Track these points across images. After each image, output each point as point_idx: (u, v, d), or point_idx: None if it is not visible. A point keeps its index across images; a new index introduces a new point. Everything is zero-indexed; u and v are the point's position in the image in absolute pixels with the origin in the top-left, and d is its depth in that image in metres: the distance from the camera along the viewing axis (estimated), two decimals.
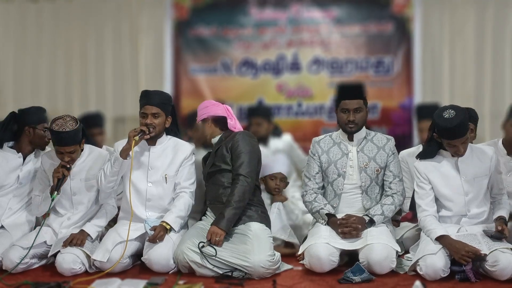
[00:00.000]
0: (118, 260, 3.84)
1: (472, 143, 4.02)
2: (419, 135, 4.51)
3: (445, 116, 3.69)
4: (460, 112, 3.70)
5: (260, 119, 5.89)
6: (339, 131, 4.17)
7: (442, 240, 3.67)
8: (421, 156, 3.96)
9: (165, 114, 4.10)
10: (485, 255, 3.57)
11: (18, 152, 4.32)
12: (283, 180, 4.57)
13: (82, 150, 4.15)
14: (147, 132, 3.99)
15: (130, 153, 3.95)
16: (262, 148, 4.95)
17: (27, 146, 4.34)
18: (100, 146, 4.91)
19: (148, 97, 4.08)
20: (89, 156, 4.20)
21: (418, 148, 4.46)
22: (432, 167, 3.89)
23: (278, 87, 7.63)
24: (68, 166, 4.03)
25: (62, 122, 3.96)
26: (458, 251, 3.58)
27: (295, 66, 7.60)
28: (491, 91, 7.30)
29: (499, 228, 3.69)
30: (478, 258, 3.61)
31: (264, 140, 5.76)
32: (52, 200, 3.97)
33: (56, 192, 3.96)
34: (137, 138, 3.93)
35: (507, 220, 3.84)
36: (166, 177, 4.12)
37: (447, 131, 3.69)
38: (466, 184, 3.84)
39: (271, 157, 4.68)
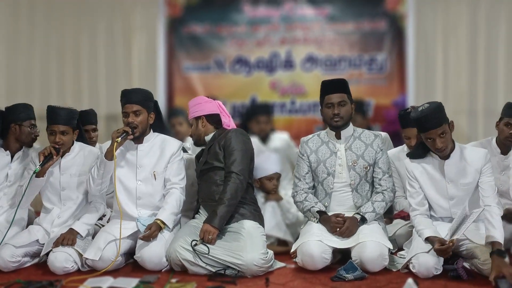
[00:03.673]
0: (113, 260, 3.84)
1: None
2: (406, 143, 4.42)
3: (419, 109, 3.71)
4: (433, 104, 3.70)
5: (267, 117, 5.88)
6: (327, 130, 4.17)
7: (429, 241, 3.66)
8: (411, 155, 3.94)
9: (147, 110, 4.09)
10: (452, 243, 3.51)
11: (5, 150, 4.31)
12: (279, 178, 4.58)
13: (73, 142, 4.14)
14: (130, 133, 3.98)
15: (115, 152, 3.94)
16: (259, 145, 4.94)
17: (14, 144, 4.33)
18: (95, 143, 4.89)
19: (127, 96, 4.08)
20: (79, 153, 4.19)
21: (403, 148, 4.45)
22: (421, 168, 3.88)
23: (272, 85, 7.62)
24: (57, 147, 3.99)
25: (60, 105, 4.04)
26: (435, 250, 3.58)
27: (288, 64, 7.59)
28: (484, 88, 7.30)
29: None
30: (470, 255, 3.63)
31: (266, 138, 5.76)
32: (34, 172, 3.90)
33: (39, 166, 3.91)
34: (119, 139, 3.91)
35: (502, 243, 3.53)
36: (154, 174, 4.11)
37: (421, 121, 3.66)
38: (450, 189, 3.81)
39: (263, 157, 4.66)
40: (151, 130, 4.19)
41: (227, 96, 7.51)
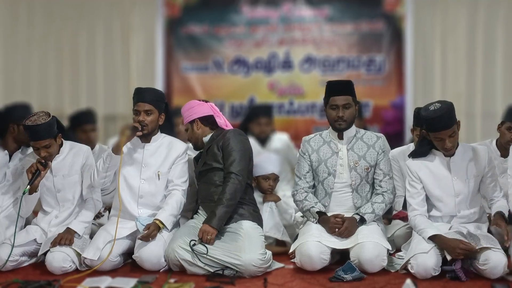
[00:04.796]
0: (106, 257, 3.82)
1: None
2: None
3: (431, 108, 3.70)
4: (445, 105, 3.71)
5: (268, 119, 5.86)
6: (329, 130, 4.16)
7: (435, 239, 3.66)
8: (413, 155, 3.95)
9: (158, 111, 4.10)
10: (476, 251, 3.55)
11: (4, 150, 4.30)
12: (276, 180, 4.58)
13: (60, 145, 4.11)
14: (140, 129, 3.99)
15: (123, 148, 3.95)
16: (257, 147, 4.93)
17: (12, 144, 4.32)
18: (94, 143, 4.89)
19: (140, 94, 4.08)
20: (70, 152, 4.16)
21: (408, 147, 4.44)
22: (424, 166, 3.88)
23: (270, 86, 7.63)
24: (44, 161, 3.96)
25: (35, 118, 3.93)
26: (453, 249, 3.56)
27: (287, 64, 7.60)
28: (482, 90, 7.32)
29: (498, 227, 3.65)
30: (469, 256, 3.63)
31: (266, 140, 5.75)
32: (23, 193, 3.89)
33: (28, 186, 3.88)
34: (127, 132, 3.92)
35: (505, 215, 3.75)
36: (159, 174, 4.12)
37: (432, 122, 3.66)
38: (457, 185, 3.82)
39: (263, 157, 4.66)
40: (159, 131, 4.20)
41: (225, 96, 7.53)
